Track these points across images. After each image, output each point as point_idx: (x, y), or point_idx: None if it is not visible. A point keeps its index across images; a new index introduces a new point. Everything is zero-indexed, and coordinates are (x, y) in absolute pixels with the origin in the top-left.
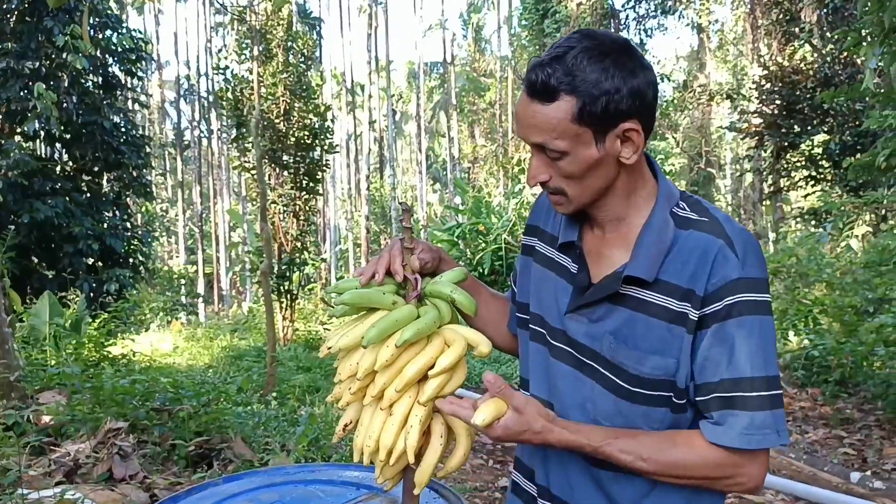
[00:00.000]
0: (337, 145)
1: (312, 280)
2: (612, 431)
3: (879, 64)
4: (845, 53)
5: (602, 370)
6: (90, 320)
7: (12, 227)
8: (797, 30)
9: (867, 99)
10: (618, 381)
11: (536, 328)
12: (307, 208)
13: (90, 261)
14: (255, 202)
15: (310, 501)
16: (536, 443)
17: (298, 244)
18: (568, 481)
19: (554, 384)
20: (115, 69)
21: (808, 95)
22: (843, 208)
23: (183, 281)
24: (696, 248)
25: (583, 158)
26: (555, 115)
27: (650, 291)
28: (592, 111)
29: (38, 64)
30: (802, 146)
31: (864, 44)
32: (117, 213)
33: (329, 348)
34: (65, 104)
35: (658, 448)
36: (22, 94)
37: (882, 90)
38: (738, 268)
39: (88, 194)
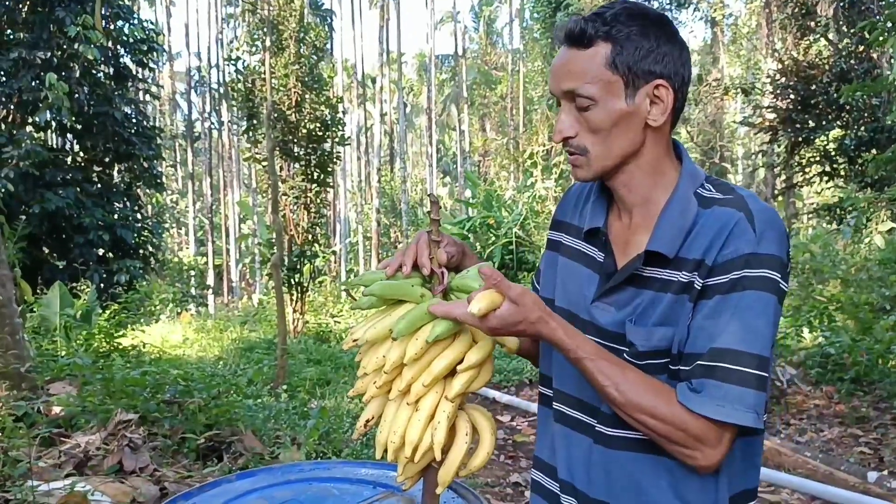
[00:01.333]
0: (348, 138)
1: (323, 273)
2: (604, 353)
3: None
4: (862, 48)
5: (623, 350)
6: (100, 311)
7: (23, 217)
8: (813, 24)
9: (883, 93)
10: (628, 357)
11: None
12: (318, 200)
13: (101, 251)
14: (265, 194)
15: (325, 500)
16: (530, 333)
17: (309, 236)
18: (588, 475)
19: (581, 379)
20: (127, 60)
21: (823, 90)
22: (863, 205)
23: (193, 272)
24: (717, 221)
25: (611, 109)
26: (589, 60)
27: (670, 270)
28: (626, 60)
29: (49, 54)
30: (817, 141)
31: (888, 36)
32: (128, 203)
33: (355, 340)
34: (76, 95)
35: (636, 386)
36: (33, 84)
37: None
38: (752, 243)
39: (99, 185)
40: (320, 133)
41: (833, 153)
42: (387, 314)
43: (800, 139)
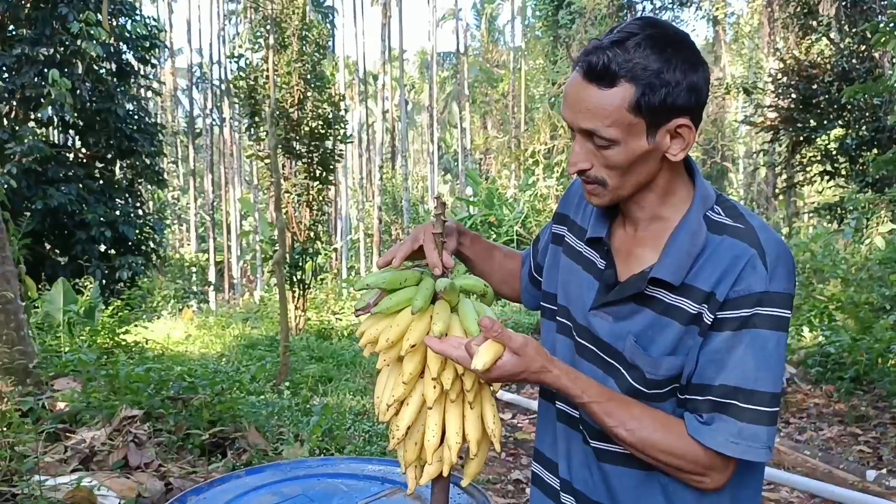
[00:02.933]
0: (350, 135)
1: (325, 270)
2: (608, 393)
3: None
4: (863, 47)
5: (622, 369)
6: (103, 307)
7: (26, 213)
8: (814, 23)
9: (885, 93)
10: (633, 382)
11: (563, 320)
12: (320, 198)
13: (103, 248)
14: (266, 191)
15: (333, 496)
16: (532, 381)
17: (311, 234)
18: (591, 476)
19: None
20: (129, 56)
21: (824, 90)
22: (864, 205)
23: (194, 269)
24: (728, 254)
25: (632, 150)
26: (611, 102)
27: (676, 295)
28: (650, 102)
29: (52, 51)
30: (818, 141)
31: (890, 37)
32: (130, 200)
33: (413, 346)
34: (79, 91)
35: (645, 423)
36: (36, 80)
37: None
38: (764, 281)
39: (101, 181)
40: (322, 131)
41: (834, 153)
42: (421, 317)
43: (801, 138)
